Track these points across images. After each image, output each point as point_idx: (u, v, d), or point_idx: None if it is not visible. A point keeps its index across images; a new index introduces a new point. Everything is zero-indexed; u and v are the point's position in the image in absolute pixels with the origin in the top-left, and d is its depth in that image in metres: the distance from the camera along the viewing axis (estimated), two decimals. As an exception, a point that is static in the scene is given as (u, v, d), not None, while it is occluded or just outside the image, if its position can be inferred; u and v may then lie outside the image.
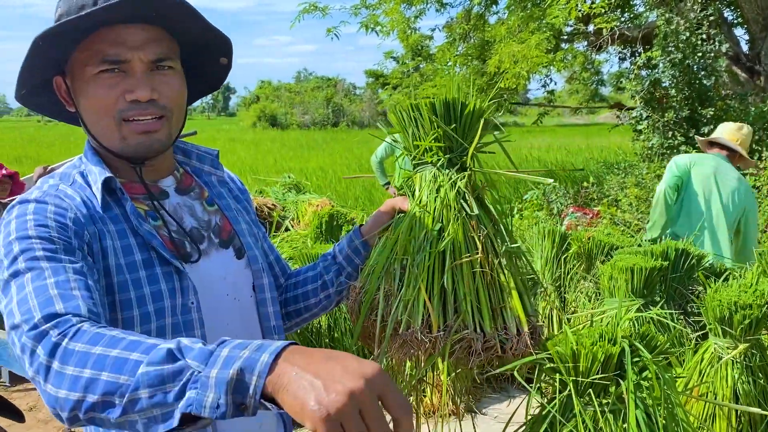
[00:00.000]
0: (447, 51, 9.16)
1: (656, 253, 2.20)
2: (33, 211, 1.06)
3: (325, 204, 2.90)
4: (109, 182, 1.14)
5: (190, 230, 1.24)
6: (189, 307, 1.16)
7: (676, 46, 6.08)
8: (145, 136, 1.14)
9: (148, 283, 1.12)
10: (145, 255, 1.14)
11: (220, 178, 1.40)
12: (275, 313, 1.35)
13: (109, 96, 1.10)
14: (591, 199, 7.52)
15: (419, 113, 1.31)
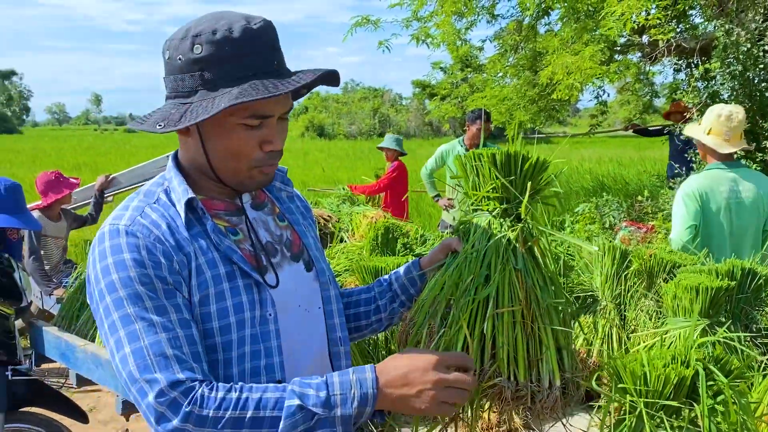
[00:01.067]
0: (498, 62, 9.12)
1: (722, 272, 2.14)
2: (128, 247, 1.13)
3: (379, 216, 2.92)
4: (191, 203, 1.20)
5: (265, 244, 1.29)
6: (267, 319, 1.22)
7: (737, 58, 5.92)
8: (266, 177, 1.25)
9: (231, 295, 1.19)
10: (228, 268, 1.20)
11: (289, 194, 1.45)
12: (341, 324, 1.39)
13: (248, 146, 1.18)
14: (645, 213, 7.36)
15: (480, 162, 1.39)
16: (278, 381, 1.21)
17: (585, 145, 24.49)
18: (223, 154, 1.19)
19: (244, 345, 1.19)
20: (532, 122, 9.47)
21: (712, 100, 6.12)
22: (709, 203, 3.15)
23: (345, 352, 1.40)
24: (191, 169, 1.26)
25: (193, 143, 1.23)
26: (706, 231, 3.19)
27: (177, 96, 1.18)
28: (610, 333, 2.33)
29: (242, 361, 1.19)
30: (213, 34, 1.12)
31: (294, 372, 1.25)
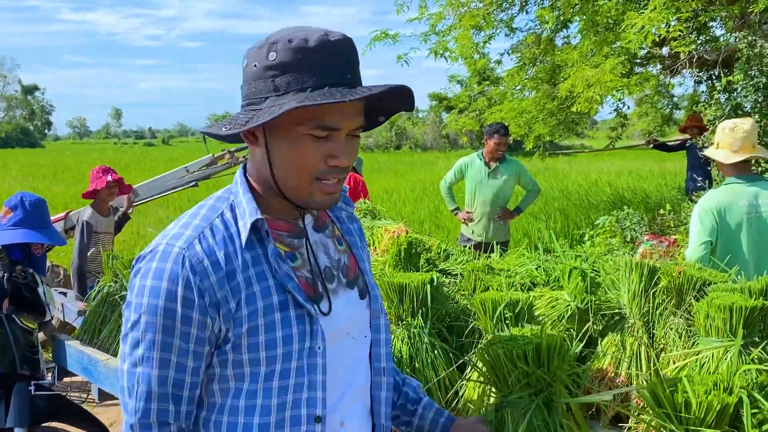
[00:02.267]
0: (516, 75, 9.09)
1: (755, 290, 2.09)
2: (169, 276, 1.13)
3: (401, 230, 2.90)
4: (257, 224, 1.18)
5: (324, 270, 1.27)
6: (316, 351, 1.19)
7: (760, 70, 5.85)
8: (329, 197, 1.20)
9: (282, 326, 1.17)
10: (281, 297, 1.18)
11: (349, 215, 1.42)
12: (387, 354, 1.36)
13: (313, 157, 1.15)
14: (667, 227, 7.27)
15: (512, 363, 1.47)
16: (318, 417, 1.19)
17: (603, 157, 24.32)
18: (287, 165, 1.16)
19: (288, 377, 1.17)
20: (550, 135, 9.41)
21: (735, 113, 6.05)
22: (727, 218, 3.11)
23: (387, 383, 1.37)
24: (258, 183, 1.24)
25: (260, 153, 1.20)
26: (727, 247, 3.14)
27: (249, 103, 1.17)
28: (639, 351, 2.28)
29: (284, 393, 1.17)
30: (289, 42, 1.12)
31: (336, 401, 1.23)
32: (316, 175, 1.16)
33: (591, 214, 10.08)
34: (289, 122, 1.13)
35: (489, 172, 5.88)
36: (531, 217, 10.47)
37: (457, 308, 2.49)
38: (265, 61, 1.14)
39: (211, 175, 5.92)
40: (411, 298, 2.33)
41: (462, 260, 2.98)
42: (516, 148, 15.63)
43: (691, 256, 3.11)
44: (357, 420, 1.28)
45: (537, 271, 2.81)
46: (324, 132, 1.13)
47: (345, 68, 1.13)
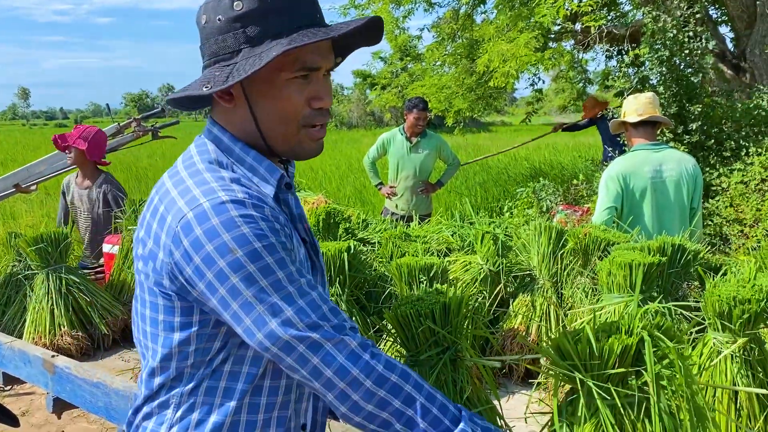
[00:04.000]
0: (436, 51, 9.17)
1: (653, 248, 2.21)
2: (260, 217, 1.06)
3: (320, 202, 2.89)
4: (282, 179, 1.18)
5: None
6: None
7: (664, 44, 6.12)
8: (316, 143, 1.18)
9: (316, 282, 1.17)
10: (303, 251, 1.21)
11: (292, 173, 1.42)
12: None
13: (298, 102, 1.12)
14: (580, 197, 7.56)
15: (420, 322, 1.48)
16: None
17: (522, 133, 24.94)
18: (273, 116, 1.13)
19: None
20: (470, 110, 9.58)
21: (642, 86, 6.32)
22: (632, 184, 3.26)
23: None
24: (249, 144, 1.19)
25: (241, 110, 1.15)
26: (633, 212, 3.30)
27: (218, 61, 1.12)
28: (548, 311, 2.37)
29: None
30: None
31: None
32: (302, 122, 1.14)
33: (510, 188, 10.35)
34: (271, 70, 1.09)
35: (410, 146, 5.95)
36: (453, 191, 10.65)
37: (375, 275, 2.51)
38: (231, 13, 1.09)
39: (119, 147, 5.59)
40: (328, 267, 2.34)
41: (380, 229, 3.00)
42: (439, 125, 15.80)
43: (596, 221, 3.25)
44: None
45: (453, 237, 2.87)
46: (306, 72, 1.11)
47: (313, 8, 1.12)
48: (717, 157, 6.35)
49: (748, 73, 7.64)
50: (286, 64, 1.09)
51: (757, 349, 1.77)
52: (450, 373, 1.48)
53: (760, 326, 1.79)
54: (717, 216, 6.10)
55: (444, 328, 1.48)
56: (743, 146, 6.29)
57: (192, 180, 1.10)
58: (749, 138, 6.40)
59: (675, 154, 3.40)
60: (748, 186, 6.09)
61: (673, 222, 3.30)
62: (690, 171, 3.34)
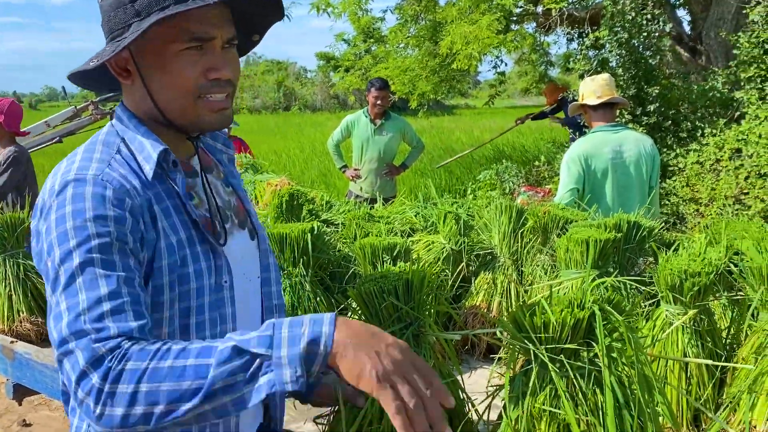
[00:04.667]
0: (399, 32, 9.15)
1: (609, 225, 2.27)
2: (92, 197, 1.03)
3: (284, 183, 2.89)
4: (166, 155, 1.14)
5: (218, 209, 1.26)
6: (222, 286, 1.18)
7: (623, 26, 6.22)
8: (219, 114, 1.16)
9: (192, 261, 1.14)
10: (188, 233, 1.16)
11: (230, 158, 1.41)
12: (277, 292, 1.39)
13: (192, 73, 1.11)
14: (542, 178, 7.68)
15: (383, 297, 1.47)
16: None
17: (486, 116, 25.09)
18: (167, 89, 1.12)
19: (203, 312, 1.15)
20: (434, 93, 9.60)
21: (602, 68, 6.42)
22: (593, 165, 3.33)
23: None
24: (148, 122, 1.18)
25: (137, 87, 1.15)
26: (594, 192, 3.37)
27: (113, 37, 1.12)
28: (509, 288, 2.42)
29: (201, 329, 1.15)
30: None
31: None
32: (198, 93, 1.12)
33: (474, 170, 10.44)
34: (160, 43, 1.09)
35: (375, 129, 5.92)
36: (417, 174, 10.69)
37: (339, 256, 2.53)
38: None
39: (77, 130, 5.48)
40: (292, 248, 2.34)
41: (344, 210, 3.01)
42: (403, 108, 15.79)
43: (558, 202, 3.31)
44: None
45: (416, 217, 2.90)
46: (198, 43, 1.09)
47: None
48: (674, 138, 6.50)
49: (703, 55, 7.82)
50: (175, 36, 1.09)
51: (706, 320, 1.84)
52: (413, 348, 1.51)
53: (710, 298, 1.86)
54: (674, 196, 6.26)
55: (407, 304, 1.50)
56: (699, 127, 6.45)
57: (66, 159, 1.13)
58: (704, 119, 6.57)
59: (633, 135, 3.48)
60: (704, 166, 6.26)
61: (633, 201, 3.39)
62: (648, 150, 3.43)
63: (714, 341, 1.84)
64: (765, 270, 1.72)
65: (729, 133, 6.20)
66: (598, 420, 1.21)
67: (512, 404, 1.29)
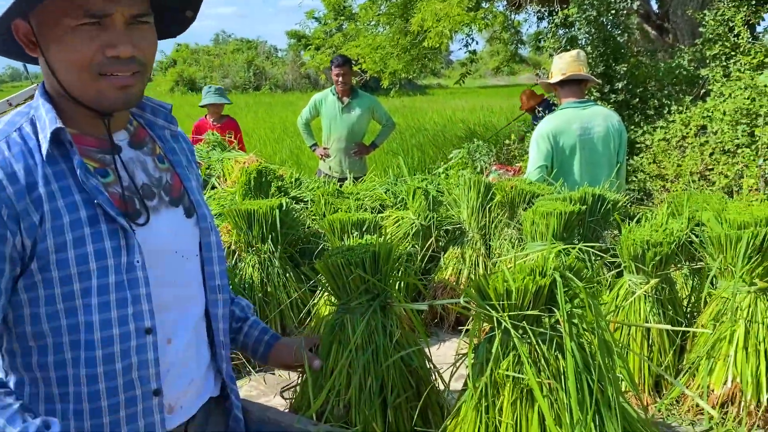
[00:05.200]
0: (369, 9, 9.08)
1: (575, 199, 2.30)
2: None
3: (252, 160, 2.87)
4: (58, 134, 1.12)
5: (142, 186, 1.23)
6: (134, 265, 1.16)
7: (591, 4, 6.25)
8: (123, 92, 1.13)
9: (92, 241, 1.12)
10: (90, 212, 1.13)
11: (173, 133, 1.38)
12: (221, 272, 1.37)
13: (88, 49, 1.08)
14: (513, 157, 7.72)
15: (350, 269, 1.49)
16: (148, 329, 1.17)
17: (458, 95, 25.12)
18: (65, 64, 1.10)
19: (107, 293, 1.13)
20: (405, 71, 9.57)
21: (571, 45, 6.45)
22: (562, 142, 3.35)
23: (224, 300, 1.37)
24: (56, 97, 1.16)
25: (42, 62, 1.14)
26: (563, 168, 3.40)
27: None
28: (477, 261, 2.45)
29: (106, 309, 1.13)
30: None
31: (166, 320, 1.22)
32: (97, 70, 1.10)
33: (446, 149, 10.46)
34: (55, 16, 1.06)
35: (342, 107, 5.83)
36: (389, 152, 10.68)
37: (308, 232, 2.53)
38: None
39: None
40: (260, 225, 2.34)
41: (313, 187, 3.01)
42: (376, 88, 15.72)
43: (528, 179, 3.34)
44: (186, 338, 1.28)
45: (386, 194, 2.91)
46: (93, 19, 1.07)
47: None
48: (641, 116, 6.58)
49: (670, 33, 7.90)
50: (69, 10, 1.07)
51: (667, 289, 1.88)
52: (380, 320, 1.52)
53: (671, 268, 1.91)
54: (641, 172, 6.35)
55: (374, 276, 1.51)
56: (665, 104, 6.54)
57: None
58: (671, 97, 6.66)
59: (601, 111, 3.51)
60: (670, 143, 6.35)
61: (601, 177, 3.43)
62: (616, 126, 3.46)
63: (675, 309, 1.89)
64: (724, 239, 1.77)
65: (694, 110, 6.29)
66: (560, 385, 1.24)
67: (476, 371, 1.32)
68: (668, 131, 6.37)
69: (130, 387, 1.16)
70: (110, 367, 1.14)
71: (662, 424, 1.70)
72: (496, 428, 1.29)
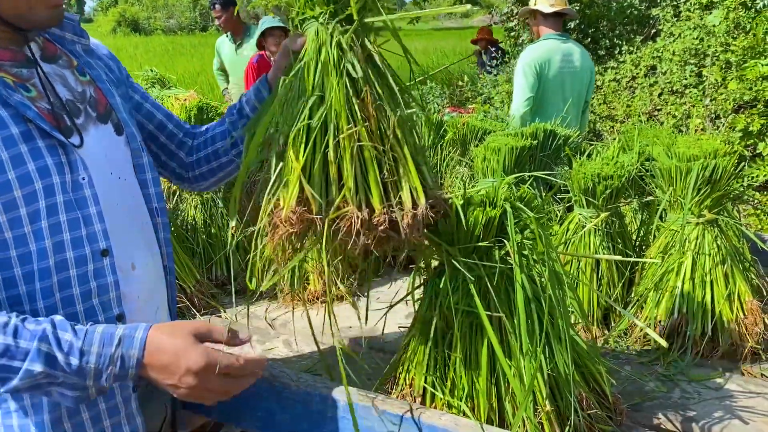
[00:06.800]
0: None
1: (526, 134, 2.26)
2: None
3: (192, 97, 2.73)
4: None
5: (66, 102, 1.12)
6: (80, 183, 1.08)
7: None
8: (54, 9, 1.07)
9: (32, 158, 1.02)
10: (22, 128, 1.03)
11: (85, 47, 1.26)
12: (157, 194, 1.28)
13: None
14: (466, 99, 7.67)
15: None
16: (104, 250, 1.09)
17: (411, 37, 24.74)
18: None
19: (56, 213, 1.04)
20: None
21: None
22: (547, 73, 3.32)
23: (163, 224, 1.30)
24: None
25: None
26: (543, 99, 3.36)
27: None
28: (428, 199, 2.40)
29: (57, 231, 1.04)
30: None
31: (121, 243, 1.14)
32: None
33: (398, 91, 10.30)
34: None
35: (235, 48, 5.16)
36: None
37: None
38: None
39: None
40: (202, 163, 2.23)
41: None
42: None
43: (516, 111, 3.28)
44: (149, 262, 1.21)
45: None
46: None
47: None
48: (593, 57, 6.58)
49: (623, -27, 7.85)
50: None
51: (617, 223, 1.88)
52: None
53: (620, 201, 1.89)
54: (591, 113, 6.39)
55: None
56: (617, 45, 6.54)
57: None
58: (622, 37, 6.66)
59: (577, 47, 3.50)
60: (620, 83, 6.39)
61: (573, 110, 3.43)
62: (589, 63, 3.47)
63: (624, 243, 1.89)
64: (674, 171, 1.76)
65: (645, 50, 6.31)
66: (510, 319, 1.21)
67: (424, 306, 1.28)
68: (619, 72, 6.40)
69: (91, 314, 1.09)
70: (68, 293, 1.06)
71: (611, 355, 1.71)
72: (445, 362, 1.27)
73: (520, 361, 1.19)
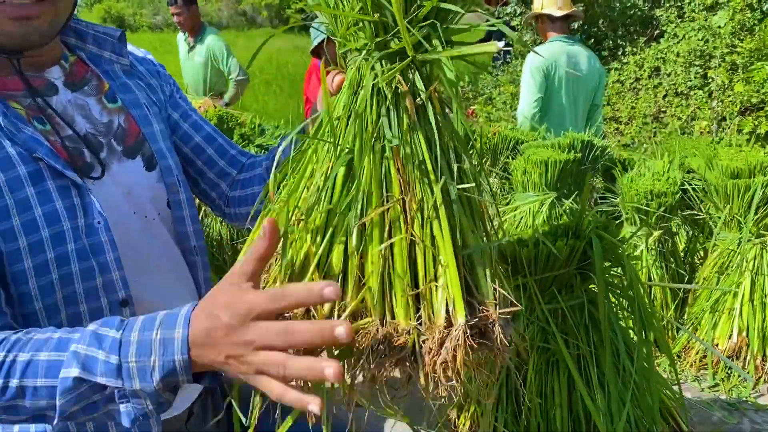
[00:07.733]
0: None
1: (564, 145, 2.19)
2: None
3: (208, 104, 2.63)
4: None
5: (84, 135, 1.00)
6: (95, 228, 0.94)
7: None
8: (21, 24, 0.90)
9: (39, 202, 0.89)
10: (30, 167, 0.90)
11: (125, 68, 1.13)
12: (196, 231, 1.15)
13: None
14: (466, 99, 7.59)
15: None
16: (123, 300, 0.97)
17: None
18: None
19: (69, 263, 0.92)
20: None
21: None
22: (553, 75, 3.27)
23: (203, 263, 1.17)
24: None
25: None
26: (549, 102, 3.31)
27: None
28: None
29: (69, 282, 0.92)
30: None
31: (144, 288, 1.01)
32: None
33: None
34: None
35: (187, 50, 4.55)
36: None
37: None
38: None
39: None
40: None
41: (278, 134, 2.80)
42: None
43: (524, 112, 3.24)
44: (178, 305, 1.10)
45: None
46: None
47: None
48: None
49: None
50: None
51: (669, 242, 1.81)
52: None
53: (673, 218, 1.83)
54: (595, 115, 6.34)
55: None
56: (620, 46, 6.49)
57: None
58: (625, 38, 6.62)
59: (585, 50, 3.45)
60: (624, 85, 6.34)
61: (581, 114, 3.38)
62: (597, 67, 3.42)
63: (677, 262, 1.82)
64: (731, 189, 1.69)
65: (648, 51, 6.27)
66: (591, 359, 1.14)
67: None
68: (622, 73, 6.36)
69: None
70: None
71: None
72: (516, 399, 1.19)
73: (601, 399, 1.12)
